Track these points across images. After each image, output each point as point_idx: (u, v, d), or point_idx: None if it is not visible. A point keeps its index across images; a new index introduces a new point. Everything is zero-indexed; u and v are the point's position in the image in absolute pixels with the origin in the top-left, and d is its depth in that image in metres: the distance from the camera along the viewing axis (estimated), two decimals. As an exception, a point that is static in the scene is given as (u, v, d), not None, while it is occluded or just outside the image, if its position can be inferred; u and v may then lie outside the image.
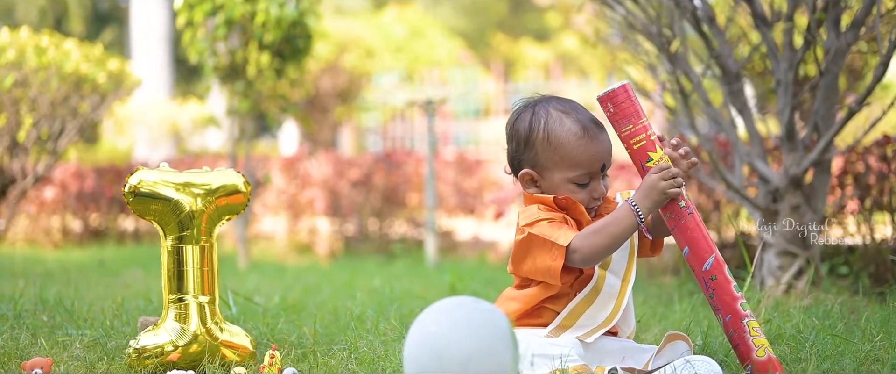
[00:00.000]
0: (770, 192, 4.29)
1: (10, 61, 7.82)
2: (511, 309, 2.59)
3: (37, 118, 8.19)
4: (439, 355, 2.12)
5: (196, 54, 6.83)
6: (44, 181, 9.18)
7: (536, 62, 19.24)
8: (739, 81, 4.44)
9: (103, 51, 8.48)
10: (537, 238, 2.49)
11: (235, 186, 2.95)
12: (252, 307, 3.79)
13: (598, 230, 2.47)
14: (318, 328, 3.26)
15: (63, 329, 3.33)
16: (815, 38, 4.04)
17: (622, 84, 2.50)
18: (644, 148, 2.50)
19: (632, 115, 2.49)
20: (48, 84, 7.99)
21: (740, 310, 2.45)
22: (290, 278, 5.63)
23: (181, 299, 2.86)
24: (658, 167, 2.48)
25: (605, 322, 2.57)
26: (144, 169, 2.91)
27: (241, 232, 7.08)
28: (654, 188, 2.46)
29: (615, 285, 2.60)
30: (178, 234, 2.87)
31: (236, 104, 6.86)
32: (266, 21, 6.58)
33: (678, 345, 2.60)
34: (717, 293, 2.47)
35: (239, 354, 2.88)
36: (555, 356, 2.42)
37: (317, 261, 7.69)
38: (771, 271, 4.30)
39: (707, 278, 2.47)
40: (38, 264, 6.74)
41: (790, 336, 2.93)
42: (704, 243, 2.48)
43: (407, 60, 15.65)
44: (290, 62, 6.85)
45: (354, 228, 8.31)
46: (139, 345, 2.81)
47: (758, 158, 4.35)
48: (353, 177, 8.27)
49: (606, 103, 2.51)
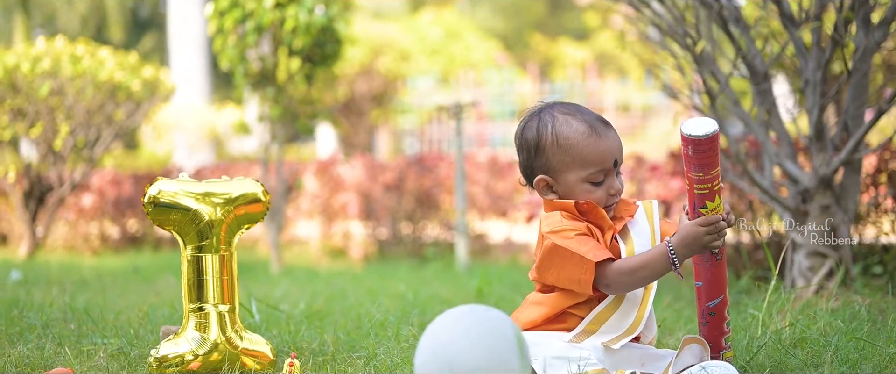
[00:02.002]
0: (800, 192, 4.25)
1: (46, 70, 7.93)
2: (536, 314, 2.58)
3: (73, 126, 8.29)
4: (450, 363, 2.13)
5: (227, 61, 6.87)
6: (82, 188, 9.28)
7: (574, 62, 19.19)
8: (767, 80, 4.40)
9: (139, 58, 8.57)
10: (564, 251, 2.49)
11: (255, 195, 2.96)
12: (276, 315, 3.80)
13: (632, 271, 2.49)
14: (340, 334, 3.26)
15: (89, 338, 3.35)
16: (842, 37, 3.99)
17: (715, 131, 2.39)
18: (704, 197, 2.46)
19: (709, 164, 2.43)
20: (83, 92, 8.08)
21: (722, 343, 2.63)
22: (321, 283, 5.65)
23: (201, 309, 2.87)
24: (706, 220, 2.47)
25: (630, 329, 2.56)
26: (164, 179, 2.92)
27: (273, 238, 7.12)
28: (697, 241, 2.48)
29: (638, 293, 2.59)
30: (197, 243, 2.88)
31: (267, 110, 6.90)
32: (295, 27, 6.61)
33: (695, 349, 2.59)
34: (709, 328, 2.61)
35: (259, 362, 2.89)
36: (572, 359, 2.42)
37: (350, 265, 7.71)
38: (801, 272, 4.25)
39: (707, 313, 2.60)
40: (73, 271, 6.80)
41: (813, 340, 2.90)
42: (720, 286, 2.58)
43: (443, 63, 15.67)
44: (319, 68, 6.87)
45: (388, 231, 8.32)
46: (160, 354, 2.82)
47: (787, 158, 4.31)
48: (386, 180, 8.28)
49: (689, 145, 2.41)
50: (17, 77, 7.98)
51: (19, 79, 7.99)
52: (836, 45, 4.03)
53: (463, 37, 16.66)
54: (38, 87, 7.96)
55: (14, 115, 8.22)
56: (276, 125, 7.00)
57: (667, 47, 4.65)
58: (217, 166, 9.58)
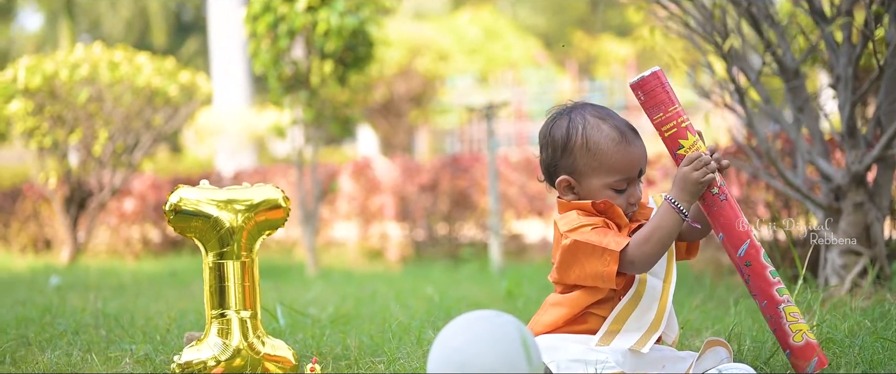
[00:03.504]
0: (832, 190, 4.20)
1: (85, 77, 8.01)
2: (556, 316, 2.58)
3: (112, 132, 8.38)
4: (461, 369, 2.13)
5: (261, 65, 6.91)
6: (123, 193, 9.38)
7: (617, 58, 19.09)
8: (798, 77, 4.35)
9: (180, 63, 8.66)
10: (584, 245, 2.48)
11: (275, 201, 2.97)
12: (303, 319, 3.82)
13: (647, 238, 2.47)
14: (363, 338, 3.27)
15: (117, 344, 3.38)
16: (872, 33, 3.94)
17: (653, 71, 2.48)
18: (675, 136, 2.48)
19: (662, 102, 2.47)
20: (122, 98, 8.16)
21: (776, 296, 2.45)
22: (354, 286, 5.67)
23: (223, 315, 2.89)
24: (688, 158, 2.47)
25: (653, 327, 2.55)
26: (185, 187, 2.95)
27: (309, 240, 7.15)
28: (688, 179, 2.46)
29: (657, 286, 2.58)
30: (218, 250, 2.90)
31: (301, 113, 6.92)
32: (327, 30, 6.63)
33: (718, 351, 2.57)
34: (753, 279, 2.47)
35: (282, 366, 2.90)
36: (589, 363, 2.41)
37: (388, 267, 7.73)
38: (835, 270, 4.21)
39: (742, 263, 2.47)
40: (112, 276, 6.87)
41: (839, 340, 2.86)
42: (739, 229, 2.47)
43: (482, 62, 15.66)
44: (352, 70, 6.89)
45: (424, 233, 8.32)
46: (182, 360, 2.84)
47: (819, 155, 4.26)
48: (422, 181, 8.28)
49: (637, 91, 2.50)
50: (57, 84, 8.08)
51: (58, 86, 8.09)
52: (867, 40, 3.98)
53: (502, 36, 16.64)
54: (77, 93, 8.05)
55: (54, 122, 8.32)
56: (309, 128, 7.03)
57: (697, 45, 4.61)
58: (256, 170, 9.64)
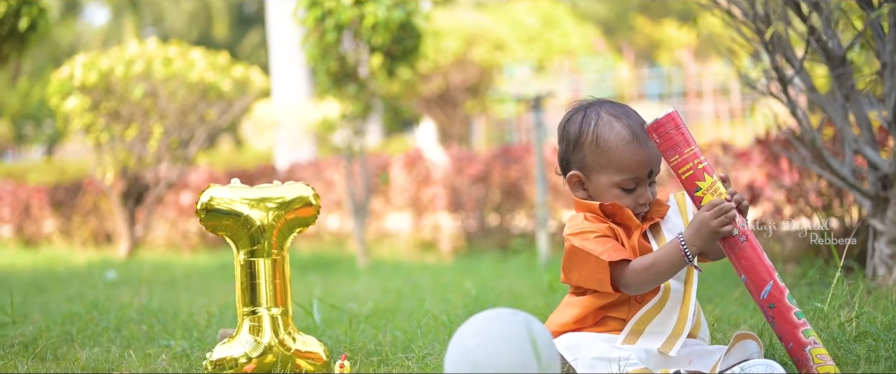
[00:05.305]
0: (879, 179, 4.13)
1: (139, 73, 8.12)
2: (567, 316, 2.59)
3: (166, 126, 8.49)
4: (474, 368, 2.14)
5: (310, 59, 6.96)
6: (180, 187, 9.51)
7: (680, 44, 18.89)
8: (844, 65, 4.28)
9: (240, 56, 8.76)
10: (581, 252, 2.50)
11: (306, 199, 3.00)
12: (340, 315, 3.84)
13: (647, 268, 2.47)
14: (397, 334, 3.28)
15: (157, 341, 3.43)
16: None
17: (667, 113, 2.45)
18: (692, 177, 2.45)
19: (678, 144, 2.44)
20: (176, 93, 8.26)
21: (802, 338, 2.37)
22: (401, 278, 5.68)
23: (254, 312, 2.92)
24: (710, 204, 2.43)
25: (677, 330, 2.53)
26: (216, 186, 2.98)
27: (358, 233, 7.18)
28: (705, 226, 2.42)
29: (679, 289, 2.56)
30: (249, 248, 2.93)
31: (349, 107, 6.96)
32: (375, 24, 6.66)
33: (748, 345, 2.55)
34: (778, 321, 2.40)
35: (313, 363, 2.92)
36: (612, 360, 2.40)
37: (440, 258, 7.75)
38: (883, 260, 4.14)
39: (766, 305, 2.41)
40: (166, 270, 6.97)
41: (874, 334, 2.81)
42: (761, 271, 2.41)
43: (539, 50, 15.58)
44: (400, 63, 6.91)
45: (476, 223, 8.32)
46: (214, 358, 2.88)
47: (866, 144, 4.19)
48: (473, 172, 8.28)
49: (652, 134, 2.47)
50: (112, 80, 8.21)
51: (114, 82, 8.22)
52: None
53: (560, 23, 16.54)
54: (132, 89, 8.17)
55: (110, 117, 8.46)
56: (357, 121, 7.06)
57: (741, 33, 4.55)
58: (310, 163, 9.70)
